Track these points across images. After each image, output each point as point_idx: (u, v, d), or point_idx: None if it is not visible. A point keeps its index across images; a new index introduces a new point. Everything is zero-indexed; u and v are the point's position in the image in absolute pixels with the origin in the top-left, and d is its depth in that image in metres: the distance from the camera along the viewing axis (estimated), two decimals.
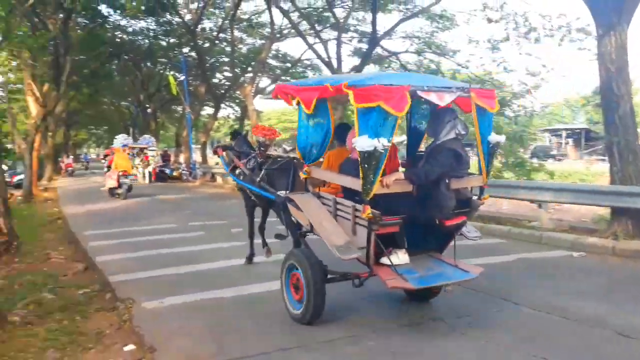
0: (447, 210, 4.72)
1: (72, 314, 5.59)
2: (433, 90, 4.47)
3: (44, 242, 10.33)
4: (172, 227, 11.48)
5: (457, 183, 4.78)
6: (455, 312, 5.27)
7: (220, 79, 35.64)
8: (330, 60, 18.28)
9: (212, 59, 31.63)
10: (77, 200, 18.05)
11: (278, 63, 30.64)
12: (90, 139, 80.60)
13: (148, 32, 29.57)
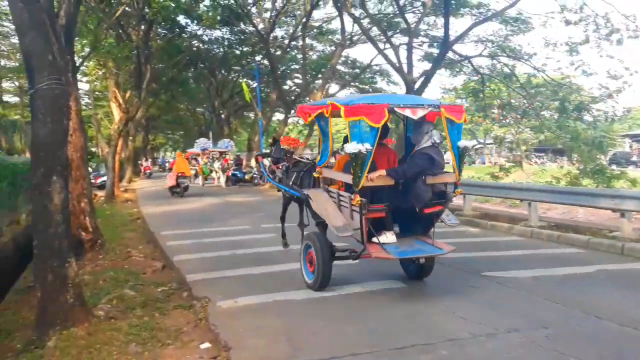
0: (423, 200, 6.06)
1: (151, 310, 5.81)
2: (408, 106, 5.83)
3: (125, 240, 10.81)
4: (246, 228, 11.70)
5: (433, 179, 6.11)
6: (531, 323, 5.03)
7: (291, 86, 36.13)
8: (401, 66, 18.05)
9: (284, 67, 32.12)
10: (155, 201, 18.78)
11: (347, 69, 30.67)
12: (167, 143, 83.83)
13: (223, 41, 30.45)
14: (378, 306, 5.69)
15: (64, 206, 4.93)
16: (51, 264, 4.90)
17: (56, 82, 4.83)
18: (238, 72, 35.00)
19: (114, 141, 21.50)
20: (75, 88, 8.96)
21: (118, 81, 22.40)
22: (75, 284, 5.10)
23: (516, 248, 9.17)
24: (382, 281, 6.64)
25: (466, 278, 6.87)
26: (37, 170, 4.85)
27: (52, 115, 4.84)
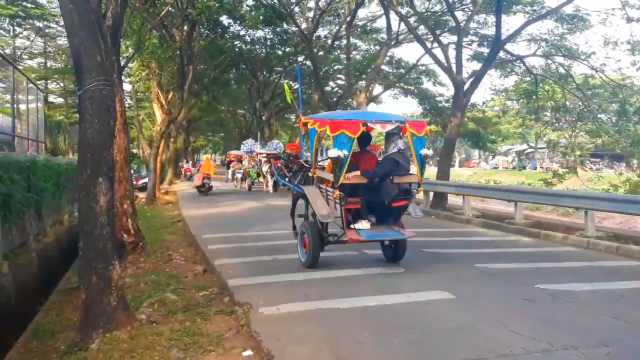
0: (391, 196, 7.71)
1: (193, 315, 5.88)
2: (378, 122, 7.66)
3: (166, 243, 11.04)
4: (287, 233, 11.65)
5: (399, 179, 7.76)
6: (590, 341, 4.83)
7: (333, 87, 36.19)
8: (450, 65, 17.80)
9: (326, 67, 32.18)
10: (196, 203, 19.10)
11: (392, 69, 30.48)
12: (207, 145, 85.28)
13: (265, 42, 30.76)
14: (425, 317, 5.59)
15: (109, 208, 5.05)
16: (95, 266, 5.02)
17: (104, 82, 4.95)
18: (280, 73, 35.25)
19: (156, 142, 21.99)
20: (120, 89, 9.21)
21: (161, 82, 22.91)
22: (119, 286, 5.21)
23: (572, 259, 8.92)
24: (430, 292, 6.53)
25: (519, 290, 6.68)
26: (84, 171, 4.98)
27: (99, 116, 4.97)
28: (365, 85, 25.07)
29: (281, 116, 48.88)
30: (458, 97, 17.63)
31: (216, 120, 53.06)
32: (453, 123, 17.71)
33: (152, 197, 20.44)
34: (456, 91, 17.72)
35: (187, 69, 20.43)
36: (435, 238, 11.26)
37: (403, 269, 7.85)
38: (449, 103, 26.12)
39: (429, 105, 29.27)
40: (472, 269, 7.99)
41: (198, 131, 60.36)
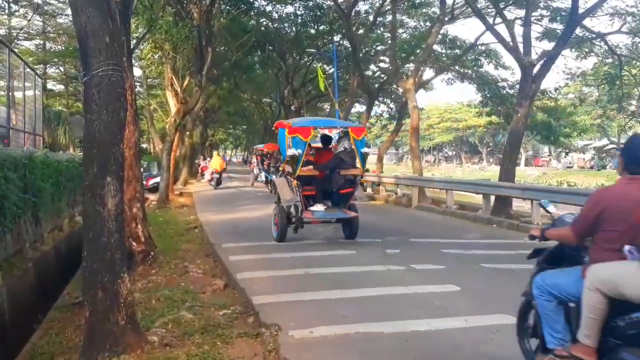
0: (338, 185, 11.37)
1: (212, 337, 5.93)
2: (326, 127, 13.17)
3: (181, 253, 11.20)
4: (319, 243, 11.78)
5: (345, 172, 11.43)
6: None
7: (375, 71, 36.06)
8: (516, 45, 17.53)
9: (367, 48, 32.07)
10: (215, 207, 19.29)
11: (446, 50, 30.20)
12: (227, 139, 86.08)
13: (295, 19, 30.84)
14: (488, 346, 5.53)
15: (118, 212, 5.13)
16: (102, 279, 5.10)
17: (113, 67, 5.03)
18: (312, 56, 35.30)
19: (170, 137, 22.25)
20: (130, 74, 9.37)
21: (175, 66, 23.17)
22: (128, 303, 5.28)
23: None
24: (492, 315, 6.44)
25: None
26: (90, 170, 5.07)
27: (107, 105, 5.05)
28: (413, 68, 24.92)
29: (313, 105, 48.95)
30: (526, 82, 17.34)
31: (238, 111, 53.44)
32: (519, 113, 17.43)
33: (164, 199, 20.69)
34: (523, 75, 17.43)
35: (206, 51, 20.64)
36: (497, 251, 11.13)
37: (459, 288, 7.77)
38: (514, 90, 25.75)
39: (490, 92, 28.87)
40: None
41: (217, 123, 60.90)
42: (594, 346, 3.74)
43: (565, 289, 4.02)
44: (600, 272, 3.73)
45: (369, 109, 31.80)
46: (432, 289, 7.69)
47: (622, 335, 3.64)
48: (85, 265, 5.21)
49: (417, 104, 23.00)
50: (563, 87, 29.92)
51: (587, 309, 3.74)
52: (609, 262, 3.75)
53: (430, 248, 11.34)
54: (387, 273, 8.81)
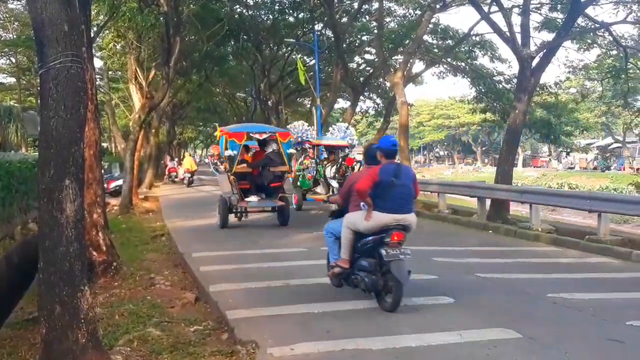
0: (268, 180, 15.61)
1: (182, 356, 5.91)
2: (258, 132, 16.49)
3: (147, 263, 11.12)
4: (301, 251, 11.77)
5: (273, 169, 15.67)
6: None
7: (360, 64, 36.18)
8: (513, 35, 17.68)
9: (352, 38, 32.16)
10: (184, 213, 19.20)
11: (437, 41, 30.39)
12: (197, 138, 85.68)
13: (272, 6, 30.82)
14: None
15: (78, 218, 5.08)
16: (60, 293, 5.03)
17: (72, 58, 4.99)
18: (291, 46, 35.32)
19: (133, 135, 22.13)
20: (91, 66, 9.29)
21: (140, 57, 23.07)
22: (89, 319, 5.22)
23: None
24: (489, 329, 6.49)
25: (605, 328, 6.63)
26: (46, 172, 5.01)
27: (66, 100, 5.00)
28: (402, 61, 25.03)
29: (292, 100, 49.01)
30: (524, 76, 17.51)
31: (209, 106, 53.27)
32: (517, 110, 17.59)
33: (127, 204, 20.57)
34: (521, 69, 17.60)
35: (174, 41, 20.56)
36: (494, 259, 11.23)
37: (452, 299, 7.82)
38: (512, 84, 26.00)
39: (485, 87, 29.11)
40: (543, 300, 7.94)
41: (186, 120, 60.73)
42: (348, 259, 7.74)
43: (336, 229, 8.04)
44: (348, 218, 7.73)
45: (353, 104, 31.90)
46: (423, 301, 7.72)
47: (360, 251, 7.68)
48: (41, 278, 5.14)
49: (406, 100, 23.06)
50: (564, 81, 30.24)
51: (343, 238, 7.75)
52: (353, 212, 7.73)
53: (421, 256, 11.32)
54: None
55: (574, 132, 38.41)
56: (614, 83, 25.21)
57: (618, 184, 35.24)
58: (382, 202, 7.39)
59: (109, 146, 49.14)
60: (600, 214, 12.73)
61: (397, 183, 7.44)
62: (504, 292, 8.52)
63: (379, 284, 7.37)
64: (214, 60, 32.26)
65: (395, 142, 7.98)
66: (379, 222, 7.40)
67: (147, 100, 21.83)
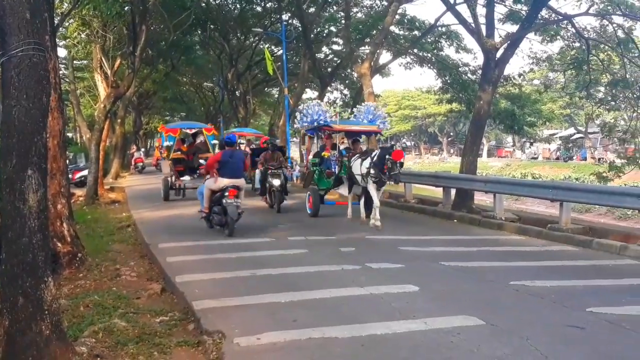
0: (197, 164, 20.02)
1: (148, 347, 5.89)
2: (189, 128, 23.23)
3: (112, 254, 11.03)
4: (268, 241, 11.77)
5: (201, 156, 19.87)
6: None
7: (328, 54, 36.16)
8: (478, 27, 17.82)
9: (319, 28, 32.12)
10: (150, 203, 19.03)
11: (404, 32, 30.47)
12: None
13: None
14: (449, 350, 5.63)
15: (41, 209, 5.01)
16: (23, 284, 4.97)
17: (35, 46, 4.91)
18: (259, 36, 35.16)
19: (99, 125, 21.80)
20: (54, 55, 9.13)
21: (105, 46, 22.77)
22: (53, 310, 5.17)
23: (632, 275, 9.04)
24: (453, 317, 6.57)
25: (566, 315, 6.76)
26: (8, 162, 4.93)
27: (28, 89, 4.92)
28: (369, 51, 25.05)
29: (260, 91, 48.87)
30: (488, 67, 17.67)
31: (176, 96, 52.90)
32: (482, 100, 17.76)
33: (93, 195, 20.32)
34: (486, 60, 17.75)
35: (140, 30, 20.29)
36: (458, 248, 11.36)
37: (417, 288, 7.90)
38: (477, 75, 26.19)
39: (451, 78, 29.31)
40: (506, 288, 8.06)
41: (152, 110, 60.23)
42: (207, 206, 12.67)
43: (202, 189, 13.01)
44: (206, 182, 12.96)
45: (321, 94, 31.91)
46: (389, 290, 7.78)
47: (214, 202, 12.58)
48: (4, 269, 5.07)
49: (373, 90, 23.10)
50: (528, 72, 30.48)
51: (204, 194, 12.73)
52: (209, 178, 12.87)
53: (387, 245, 11.48)
54: (342, 273, 8.88)
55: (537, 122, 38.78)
56: (576, 74, 25.51)
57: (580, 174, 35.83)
58: (223, 172, 12.47)
59: (74, 136, 48.49)
60: (562, 203, 12.95)
61: (231, 161, 12.54)
62: (467, 280, 8.64)
63: (223, 221, 12.34)
64: (181, 50, 32.00)
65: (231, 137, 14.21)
66: (221, 184, 12.44)
67: (113, 89, 21.53)
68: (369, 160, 13.71)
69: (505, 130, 37.87)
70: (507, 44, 17.89)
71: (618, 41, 20.90)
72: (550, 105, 50.69)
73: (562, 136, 72.11)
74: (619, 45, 20.89)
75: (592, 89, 25.26)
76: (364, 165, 13.97)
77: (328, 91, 35.86)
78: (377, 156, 13.44)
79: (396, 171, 12.90)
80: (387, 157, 12.95)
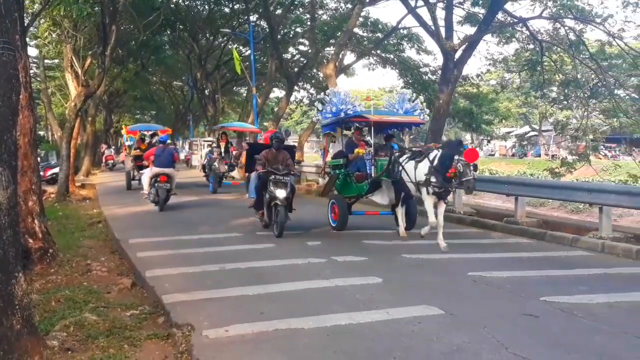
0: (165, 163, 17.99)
1: (119, 340, 5.82)
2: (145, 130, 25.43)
3: (83, 250, 10.87)
4: (236, 236, 11.73)
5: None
6: None
7: (294, 55, 36.09)
8: (438, 29, 17.96)
9: (286, 30, 32.06)
10: (121, 200, 18.86)
11: (367, 34, 30.58)
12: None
13: None
14: (409, 339, 5.66)
15: (11, 205, 4.92)
16: None
17: (4, 45, 4.81)
18: (227, 36, 34.98)
19: (70, 122, 21.48)
20: (24, 54, 8.96)
21: (76, 46, 22.42)
22: (24, 305, 5.08)
23: (584, 266, 9.16)
24: (414, 307, 6.61)
25: (521, 304, 6.86)
26: None
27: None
28: (334, 52, 25.09)
29: (229, 90, 48.63)
30: (447, 67, 17.84)
31: (146, 95, 52.34)
32: (441, 100, 17.94)
33: (64, 192, 20.03)
34: (445, 61, 17.91)
35: (110, 30, 20.00)
36: (419, 241, 11.42)
37: (381, 279, 7.94)
38: (436, 76, 26.39)
39: (412, 78, 29.50)
40: (464, 279, 8.16)
41: (123, 108, 59.54)
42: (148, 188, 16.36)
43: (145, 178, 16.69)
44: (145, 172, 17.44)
45: (288, 94, 31.82)
46: (354, 282, 7.81)
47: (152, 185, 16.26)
48: None
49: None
50: (485, 73, 30.88)
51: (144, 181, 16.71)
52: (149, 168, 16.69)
53: (352, 239, 11.52)
54: (308, 266, 8.89)
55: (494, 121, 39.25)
56: (531, 75, 25.85)
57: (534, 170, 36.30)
58: (156, 163, 16.16)
59: (45, 134, 47.67)
60: (517, 197, 13.13)
61: (163, 155, 16.34)
62: (428, 271, 8.72)
63: (156, 199, 15.90)
64: (150, 49, 31.73)
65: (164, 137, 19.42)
66: (155, 171, 16.00)
67: (83, 88, 21.20)
68: (426, 163, 10.70)
69: (464, 128, 38.24)
70: (465, 46, 18.09)
71: (570, 43, 21.30)
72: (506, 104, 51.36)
73: (517, 134, 73.12)
74: (570, 47, 21.28)
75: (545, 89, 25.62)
76: (419, 170, 10.85)
77: (295, 90, 35.83)
78: (439, 157, 10.45)
79: (470, 176, 9.90)
80: (457, 159, 9.91)
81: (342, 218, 12.33)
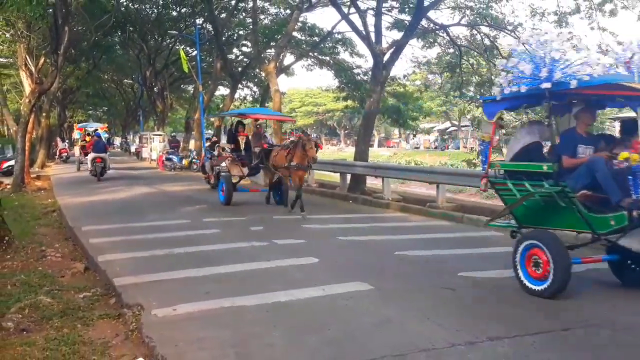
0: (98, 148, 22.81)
1: (72, 320, 5.67)
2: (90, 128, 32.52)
3: (38, 237, 10.50)
4: (184, 223, 11.57)
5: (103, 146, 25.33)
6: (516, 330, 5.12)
7: (238, 55, 35.74)
8: (368, 34, 18.06)
9: (230, 32, 31.74)
10: (74, 190, 18.32)
11: (305, 37, 30.51)
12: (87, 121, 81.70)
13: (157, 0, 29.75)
14: (342, 313, 5.71)
15: None
16: None
17: None
18: (175, 38, 34.39)
19: (24, 118, 20.72)
20: None
21: (30, 46, 21.58)
22: None
23: (496, 244, 9.40)
24: (347, 283, 6.67)
25: (441, 279, 7.00)
26: None
27: None
28: (274, 53, 24.93)
29: (177, 87, 47.82)
30: (377, 69, 17.98)
31: (98, 92, 51.06)
32: (372, 98, 18.07)
33: (20, 183, 19.29)
34: (375, 63, 18.05)
35: (63, 31, 19.30)
36: (352, 224, 11.55)
37: (317, 259, 7.98)
38: (368, 76, 26.56)
39: (346, 78, 29.59)
40: (391, 258, 8.28)
41: (76, 104, 57.94)
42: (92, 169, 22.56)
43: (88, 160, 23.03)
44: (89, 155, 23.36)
45: (232, 92, 31.57)
46: (293, 262, 7.83)
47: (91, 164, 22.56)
48: None
49: (278, 88, 22.97)
50: (411, 74, 31.34)
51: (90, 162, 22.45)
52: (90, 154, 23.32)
53: (292, 224, 11.54)
54: (251, 249, 8.85)
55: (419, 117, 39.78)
56: (451, 76, 26.33)
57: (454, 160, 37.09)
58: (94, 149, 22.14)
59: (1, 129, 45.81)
60: (438, 185, 13.40)
61: (98, 145, 22.37)
62: (360, 251, 8.81)
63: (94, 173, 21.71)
64: (102, 49, 30.94)
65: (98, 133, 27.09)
66: (93, 155, 21.77)
67: (37, 85, 20.42)
68: None
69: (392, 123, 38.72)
70: (393, 49, 18.25)
71: (485, 48, 21.78)
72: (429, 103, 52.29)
73: (439, 129, 74.54)
74: (485, 51, 21.76)
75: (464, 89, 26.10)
76: None
77: (239, 88, 35.49)
78: None
79: None
80: None
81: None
